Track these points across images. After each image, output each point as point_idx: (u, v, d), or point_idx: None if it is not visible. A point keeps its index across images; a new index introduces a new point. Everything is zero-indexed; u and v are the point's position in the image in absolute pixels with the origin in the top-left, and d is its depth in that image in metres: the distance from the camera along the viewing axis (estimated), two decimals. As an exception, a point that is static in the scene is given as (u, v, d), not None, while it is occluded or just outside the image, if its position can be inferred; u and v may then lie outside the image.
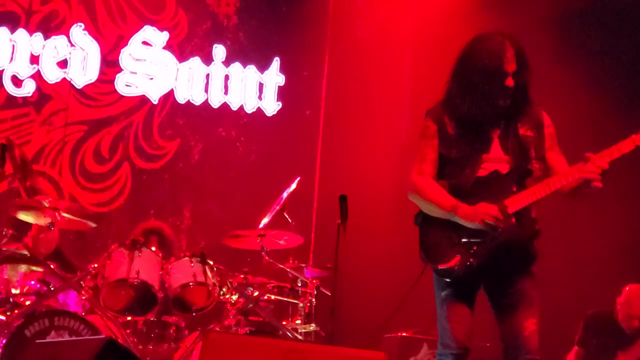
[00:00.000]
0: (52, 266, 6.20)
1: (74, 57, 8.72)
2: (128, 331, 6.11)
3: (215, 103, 9.25)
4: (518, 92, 4.43)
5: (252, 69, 9.41)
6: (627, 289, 7.14)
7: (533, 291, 4.46)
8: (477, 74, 4.40)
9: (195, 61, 9.22)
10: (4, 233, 6.15)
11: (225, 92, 9.30)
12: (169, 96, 9.12)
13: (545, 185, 4.40)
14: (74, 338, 5.60)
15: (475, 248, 4.35)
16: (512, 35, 4.48)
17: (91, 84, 8.81)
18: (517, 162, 4.46)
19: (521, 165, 4.46)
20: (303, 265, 7.37)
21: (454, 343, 4.43)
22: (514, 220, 4.38)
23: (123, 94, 8.94)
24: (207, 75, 9.26)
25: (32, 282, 6.22)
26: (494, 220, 4.31)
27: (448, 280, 4.43)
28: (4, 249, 6.21)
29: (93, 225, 6.64)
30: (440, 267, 4.39)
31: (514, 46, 4.41)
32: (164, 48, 9.11)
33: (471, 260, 4.33)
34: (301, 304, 7.06)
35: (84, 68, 8.76)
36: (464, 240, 4.38)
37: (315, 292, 7.11)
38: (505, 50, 4.38)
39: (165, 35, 9.10)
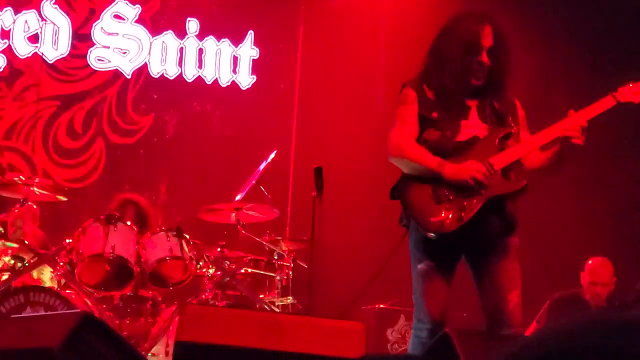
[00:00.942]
0: (26, 242, 6.17)
1: (45, 31, 8.64)
2: (104, 306, 6.09)
3: (189, 77, 9.20)
4: (494, 73, 4.45)
5: (226, 42, 9.35)
6: (591, 262, 7.25)
7: (515, 263, 4.43)
8: (453, 47, 4.42)
9: (169, 35, 9.16)
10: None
11: (200, 66, 9.24)
12: (143, 70, 9.05)
13: (529, 142, 4.42)
14: (49, 313, 5.57)
15: (465, 203, 4.32)
16: (493, 15, 4.51)
17: (63, 58, 8.73)
18: (496, 128, 4.47)
19: (500, 130, 4.47)
20: (279, 238, 7.37)
21: (427, 318, 4.41)
22: (501, 176, 4.37)
23: (96, 69, 8.87)
24: (181, 49, 9.20)
25: (7, 258, 6.19)
26: (482, 176, 4.29)
27: (436, 239, 4.35)
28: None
29: (64, 199, 6.60)
30: (433, 220, 4.32)
31: (492, 24, 4.44)
32: (137, 22, 9.04)
33: (462, 214, 4.30)
34: (278, 277, 7.07)
35: (56, 42, 8.68)
36: (450, 196, 4.35)
37: (292, 265, 7.12)
38: (482, 26, 4.41)
39: (137, 9, 9.02)
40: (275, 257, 7.13)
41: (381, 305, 7.67)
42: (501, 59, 4.45)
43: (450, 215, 4.31)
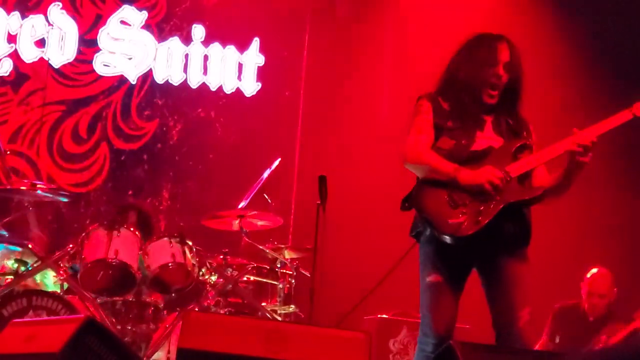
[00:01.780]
0: (30, 246, 6.17)
1: (52, 36, 8.65)
2: (106, 311, 6.09)
3: (194, 83, 9.20)
4: (507, 92, 4.51)
5: (231, 49, 9.36)
6: (589, 272, 7.26)
7: (528, 277, 4.41)
8: (471, 60, 4.51)
9: (174, 41, 9.16)
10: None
11: (204, 73, 9.25)
12: (148, 76, 9.06)
13: (546, 151, 4.43)
14: (52, 317, 5.57)
15: (482, 208, 4.32)
16: (511, 39, 4.58)
17: (69, 63, 8.74)
18: (511, 139, 4.50)
19: (515, 141, 4.49)
20: (282, 246, 7.36)
21: (433, 333, 4.39)
22: (517, 183, 4.38)
23: (101, 74, 8.87)
24: (186, 56, 9.20)
25: (10, 262, 6.19)
26: (499, 180, 4.30)
27: (452, 242, 4.32)
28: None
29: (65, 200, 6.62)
30: (451, 221, 4.29)
31: (509, 43, 4.52)
32: (143, 28, 9.04)
33: (479, 218, 4.29)
34: (280, 285, 7.07)
35: (62, 47, 8.68)
36: (466, 200, 4.34)
37: (295, 273, 7.11)
38: (500, 43, 4.51)
39: (143, 15, 9.03)
40: (278, 265, 7.13)
41: (384, 316, 7.65)
42: (516, 76, 4.51)
43: (467, 219, 4.30)
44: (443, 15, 8.99)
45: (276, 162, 7.09)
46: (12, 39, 8.51)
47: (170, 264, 6.25)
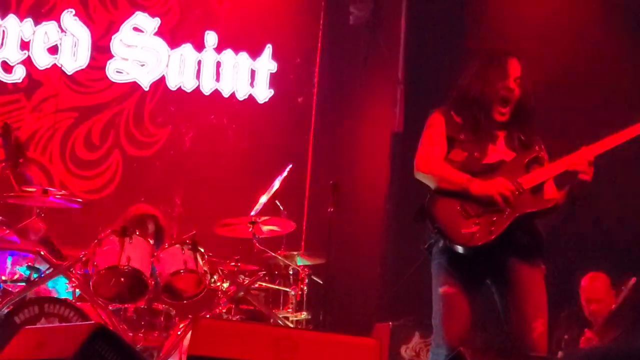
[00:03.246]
0: (42, 253, 6.17)
1: (65, 43, 8.67)
2: (118, 318, 6.08)
3: (206, 90, 9.20)
4: (519, 110, 4.53)
5: (244, 55, 9.36)
6: (584, 278, 7.22)
7: (542, 289, 4.40)
8: (483, 75, 4.53)
9: (187, 47, 9.17)
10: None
11: (217, 79, 9.25)
12: (160, 83, 9.07)
13: (559, 163, 4.42)
14: (63, 324, 5.57)
15: (494, 218, 4.31)
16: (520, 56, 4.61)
17: (82, 70, 8.76)
18: (523, 152, 4.51)
19: (527, 154, 4.50)
20: (295, 253, 7.35)
21: (445, 344, 4.37)
22: (530, 194, 4.37)
23: (114, 81, 8.89)
24: (199, 62, 9.21)
25: (22, 269, 6.19)
26: (510, 193, 4.30)
27: (464, 252, 4.31)
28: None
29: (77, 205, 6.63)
30: (464, 231, 4.29)
31: (520, 60, 4.55)
32: (155, 34, 9.06)
33: (492, 228, 4.28)
34: (292, 292, 7.06)
35: (75, 54, 8.71)
36: (479, 211, 4.33)
37: (307, 280, 7.10)
38: (510, 58, 4.54)
39: (156, 22, 9.04)
40: (290, 272, 7.12)
41: (395, 322, 7.62)
42: (527, 90, 4.52)
43: (479, 229, 4.29)
44: (457, 20, 8.96)
45: (287, 169, 7.08)
46: (25, 45, 8.54)
47: (182, 271, 6.25)
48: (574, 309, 7.31)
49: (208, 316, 6.31)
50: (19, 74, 8.50)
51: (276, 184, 7.06)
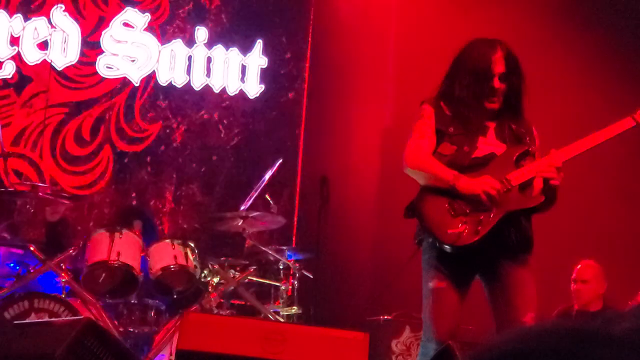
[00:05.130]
0: (31, 248, 6.17)
1: (55, 38, 8.64)
2: (109, 313, 6.08)
3: (197, 85, 9.19)
4: (509, 97, 4.49)
5: (234, 51, 9.35)
6: (579, 263, 7.26)
7: (532, 283, 4.41)
8: (466, 74, 4.47)
9: (177, 43, 9.15)
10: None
11: (208, 74, 9.24)
12: (151, 78, 9.05)
13: (548, 159, 4.41)
14: (52, 319, 5.57)
15: (482, 217, 4.30)
16: (504, 41, 4.56)
17: (72, 65, 8.73)
18: (514, 146, 4.49)
19: (517, 148, 4.48)
20: (285, 247, 7.36)
21: (435, 339, 4.37)
22: (518, 191, 4.37)
23: (104, 76, 8.86)
24: (189, 58, 9.20)
25: (11, 264, 6.19)
26: (495, 192, 4.29)
27: (451, 252, 4.32)
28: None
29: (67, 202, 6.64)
30: (450, 231, 4.28)
31: (504, 49, 4.48)
32: (145, 30, 9.03)
33: (479, 228, 4.28)
34: (283, 287, 7.06)
35: (65, 50, 8.68)
36: (467, 209, 4.33)
37: (297, 275, 7.11)
38: (494, 52, 4.46)
39: (146, 17, 9.02)
40: (281, 267, 7.12)
41: (386, 317, 7.63)
42: (515, 82, 4.48)
43: (466, 229, 4.29)
44: (447, 15, 8.97)
45: (277, 164, 7.08)
46: (14, 41, 8.51)
47: (172, 266, 6.26)
48: (569, 305, 7.34)
49: (198, 311, 6.31)
50: (8, 70, 8.48)
51: (266, 179, 7.07)
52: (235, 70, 9.34)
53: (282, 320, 6.76)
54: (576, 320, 1.20)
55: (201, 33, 9.24)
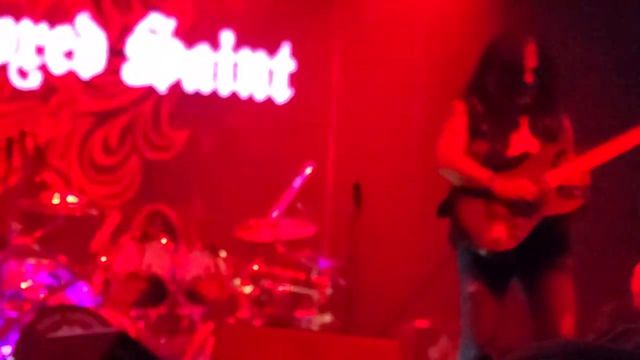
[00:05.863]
0: (61, 260, 6.17)
1: (80, 47, 8.61)
2: (140, 325, 6.06)
3: (224, 92, 9.12)
4: (542, 92, 4.43)
5: (261, 55, 9.26)
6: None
7: (569, 285, 4.35)
8: (497, 68, 4.43)
9: (203, 48, 9.07)
10: (13, 227, 6.13)
11: (234, 80, 9.16)
12: (177, 85, 9.00)
13: (586, 158, 4.34)
14: (85, 332, 5.54)
15: (518, 221, 4.24)
16: (539, 34, 4.52)
17: (97, 74, 8.70)
18: (549, 144, 4.41)
19: (553, 146, 4.40)
20: (317, 255, 7.30)
21: (474, 346, 4.32)
22: (557, 193, 4.29)
23: (130, 85, 8.82)
24: (215, 63, 9.12)
25: (42, 277, 6.18)
26: (532, 197, 4.23)
27: (487, 257, 4.27)
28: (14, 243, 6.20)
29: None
30: (488, 236, 4.23)
31: (538, 43, 4.43)
32: (170, 35, 8.98)
33: (516, 232, 4.21)
34: (316, 295, 7.00)
35: (90, 58, 8.65)
36: (503, 212, 4.25)
37: (331, 282, 7.06)
38: (526, 46, 4.41)
39: (171, 23, 8.96)
40: (314, 275, 7.06)
41: (421, 324, 7.55)
42: (548, 77, 4.42)
43: (503, 234, 4.23)
44: (480, 15, 8.90)
45: (308, 170, 7.01)
46: (39, 51, 8.49)
47: (203, 276, 6.25)
48: (621, 303, 7.11)
49: (231, 321, 6.29)
50: (34, 80, 8.46)
51: (297, 185, 7.02)
52: (263, 75, 9.24)
53: (315, 328, 6.71)
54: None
55: (227, 37, 9.16)
